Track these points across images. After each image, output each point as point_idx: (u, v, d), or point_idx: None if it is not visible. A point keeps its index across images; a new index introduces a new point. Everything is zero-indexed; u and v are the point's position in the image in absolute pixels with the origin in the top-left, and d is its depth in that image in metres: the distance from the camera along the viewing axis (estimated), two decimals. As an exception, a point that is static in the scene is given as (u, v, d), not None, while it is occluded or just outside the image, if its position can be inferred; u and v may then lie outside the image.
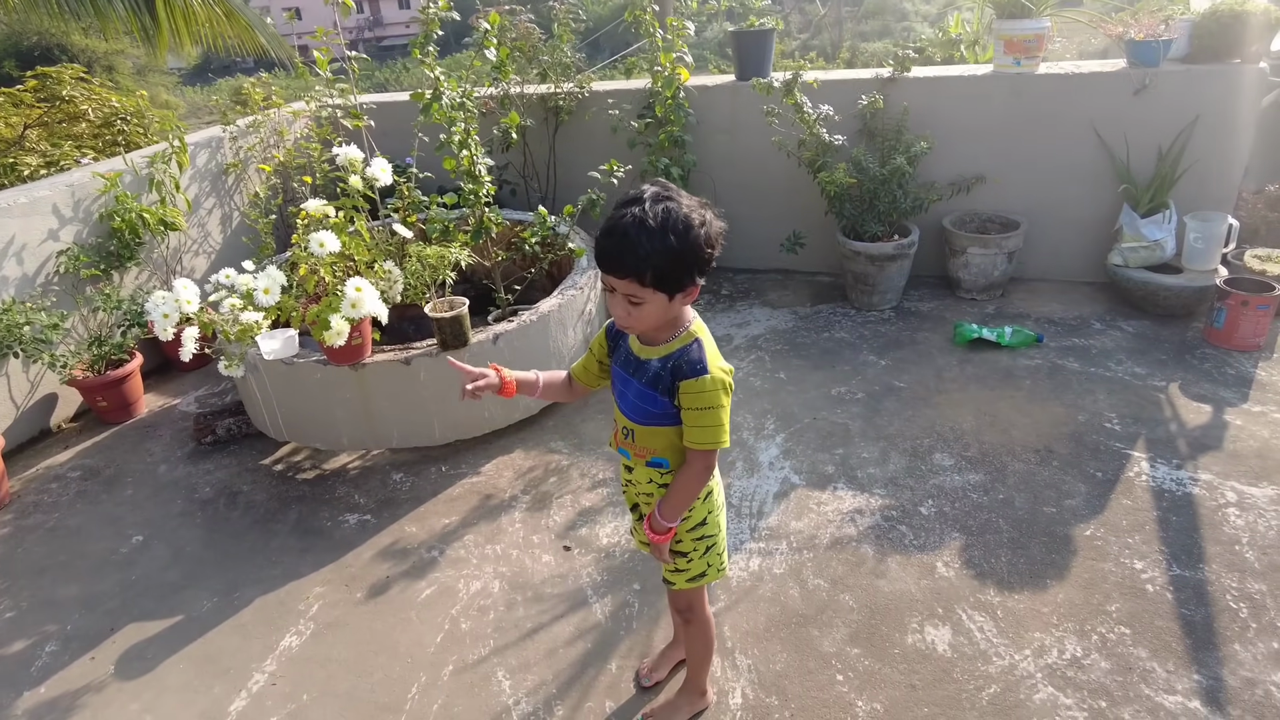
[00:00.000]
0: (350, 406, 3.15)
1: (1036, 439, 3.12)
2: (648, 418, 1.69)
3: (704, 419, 1.61)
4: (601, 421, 3.46)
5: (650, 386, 1.65)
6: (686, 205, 1.50)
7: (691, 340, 1.62)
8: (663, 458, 1.74)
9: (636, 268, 1.46)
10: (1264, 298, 3.46)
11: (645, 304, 1.52)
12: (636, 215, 1.46)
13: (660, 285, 1.49)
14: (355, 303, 2.66)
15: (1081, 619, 2.33)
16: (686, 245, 1.47)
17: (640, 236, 1.44)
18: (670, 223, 1.46)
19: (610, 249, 1.48)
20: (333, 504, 3.09)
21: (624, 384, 1.73)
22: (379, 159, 2.91)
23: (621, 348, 1.76)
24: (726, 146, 4.58)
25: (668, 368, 1.62)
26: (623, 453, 1.83)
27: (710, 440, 1.62)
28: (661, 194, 1.50)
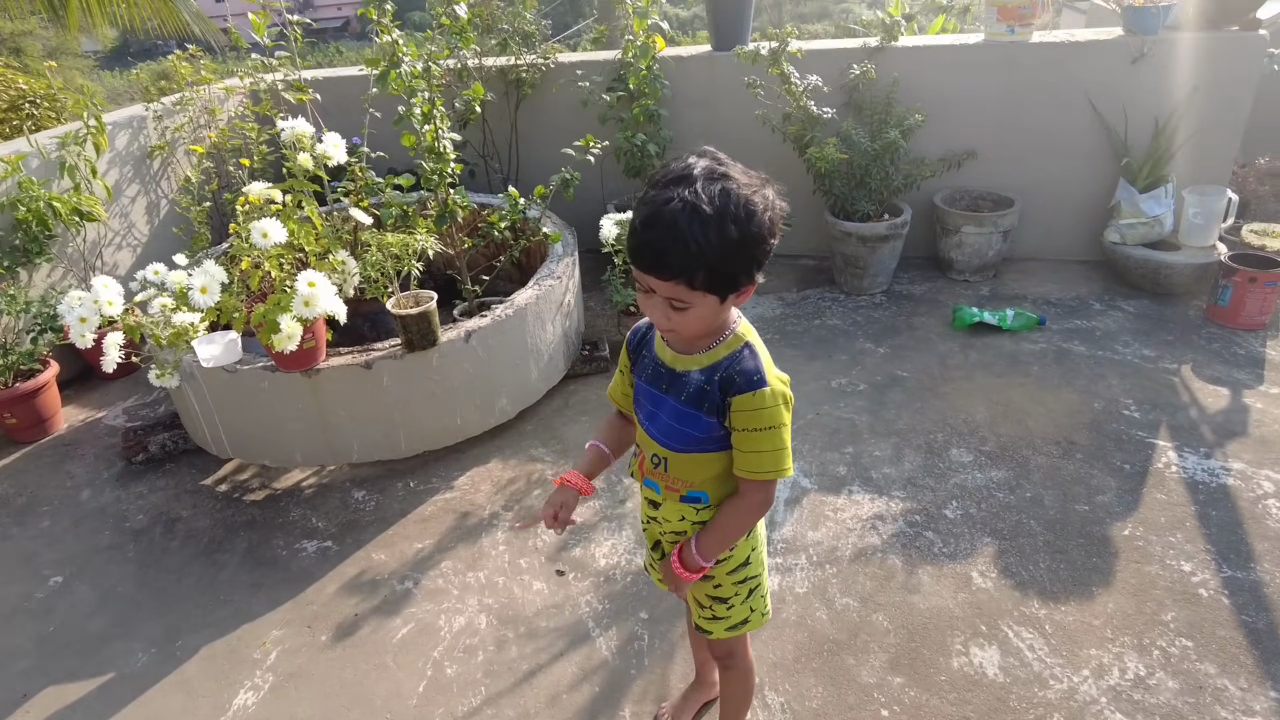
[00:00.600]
0: (303, 417, 2.78)
1: (1055, 430, 2.92)
2: (687, 443, 1.38)
3: (764, 441, 1.31)
4: (586, 424, 3.15)
5: (691, 405, 1.34)
6: (746, 183, 1.18)
7: (741, 345, 1.32)
8: (702, 491, 1.43)
9: (687, 267, 1.15)
10: (1272, 274, 3.33)
11: (692, 309, 1.21)
12: (687, 200, 1.13)
13: (713, 286, 1.19)
14: (309, 300, 2.29)
15: (1138, 631, 2.13)
16: (749, 236, 1.16)
17: (693, 227, 1.13)
18: (731, 208, 1.14)
19: (654, 244, 1.15)
20: (287, 529, 2.72)
21: (654, 403, 1.42)
22: (331, 134, 2.53)
23: (646, 359, 1.44)
24: (704, 121, 4.28)
25: (714, 380, 1.31)
26: (650, 485, 1.50)
27: (771, 467, 1.32)
28: (716, 169, 1.18)
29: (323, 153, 2.50)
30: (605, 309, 4.08)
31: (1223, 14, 3.64)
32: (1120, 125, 3.79)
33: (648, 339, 1.45)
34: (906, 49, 3.92)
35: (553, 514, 1.52)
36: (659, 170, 1.24)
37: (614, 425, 1.60)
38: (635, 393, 1.49)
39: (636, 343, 1.48)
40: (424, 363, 2.78)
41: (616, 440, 1.59)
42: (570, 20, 17.29)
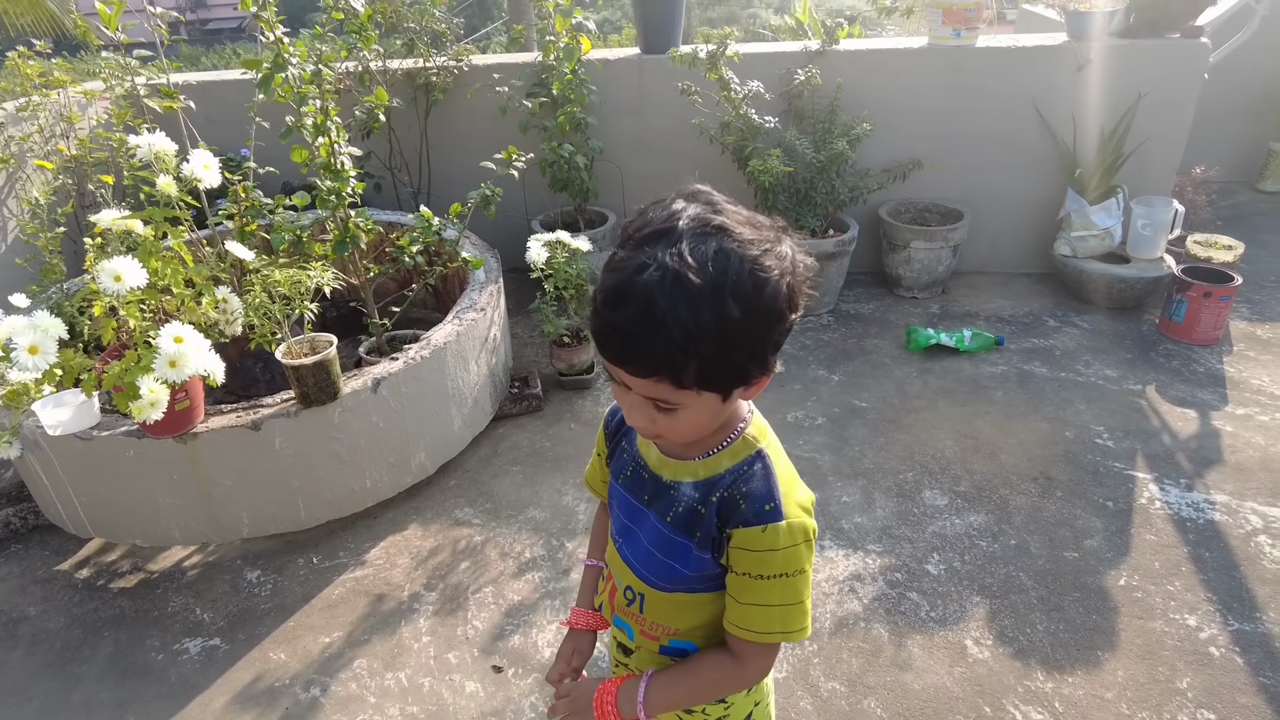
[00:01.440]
0: (180, 489, 2.31)
1: (1029, 464, 2.72)
2: (671, 579, 1.02)
3: (772, 593, 0.94)
4: (519, 476, 2.78)
5: (680, 530, 0.99)
6: (752, 239, 0.82)
7: (751, 454, 0.97)
8: (689, 641, 1.07)
9: (670, 361, 0.81)
10: (1227, 289, 3.23)
11: (683, 410, 0.87)
12: (669, 268, 0.78)
13: (710, 383, 0.84)
14: (175, 360, 1.85)
15: (1156, 705, 1.91)
16: (758, 313, 0.81)
17: (677, 307, 0.78)
18: (731, 278, 0.79)
19: (623, 329, 0.81)
20: (165, 624, 2.26)
21: (631, 516, 1.07)
22: (201, 151, 2.09)
23: (625, 454, 1.10)
24: (634, 130, 3.96)
25: (711, 502, 0.96)
26: (620, 625, 1.14)
27: (780, 628, 0.96)
28: (710, 220, 0.82)
29: (190, 174, 2.05)
30: (534, 336, 3.71)
31: (1165, 21, 3.54)
32: (1068, 134, 3.65)
33: (630, 428, 1.09)
34: (849, 53, 3.69)
35: (567, 671, 1.21)
36: (633, 219, 0.87)
37: (606, 527, 1.22)
38: (609, 493, 1.14)
39: (615, 427, 1.13)
40: (324, 419, 2.36)
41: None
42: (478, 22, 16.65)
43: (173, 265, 2.04)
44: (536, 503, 2.66)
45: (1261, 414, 2.91)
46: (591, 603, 1.23)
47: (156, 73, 2.87)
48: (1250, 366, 3.20)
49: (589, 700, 1.08)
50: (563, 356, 3.22)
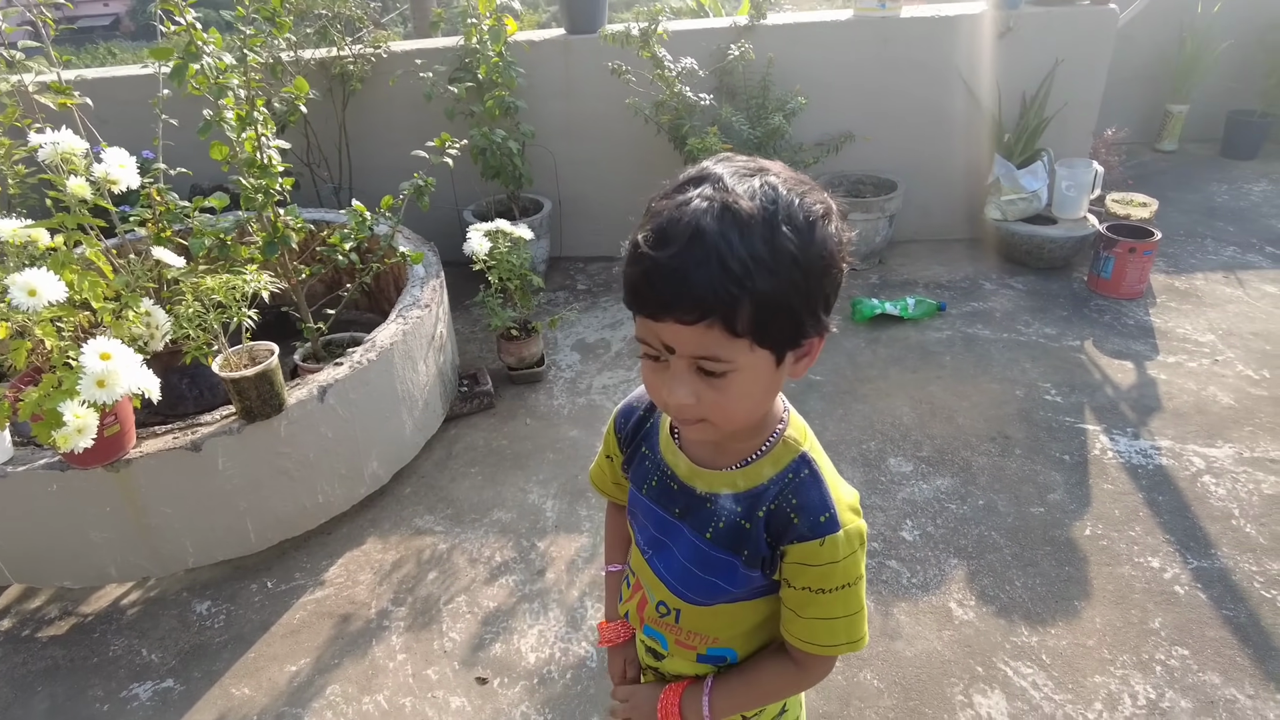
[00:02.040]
0: (114, 522, 2.12)
1: (986, 424, 2.77)
2: (711, 594, 0.95)
3: (835, 605, 0.89)
4: (478, 477, 2.67)
5: (723, 548, 0.91)
6: (793, 178, 0.77)
7: (795, 458, 0.89)
8: (728, 648, 1.01)
9: (726, 295, 0.71)
10: (1149, 243, 3.37)
11: (735, 374, 0.77)
12: (715, 198, 0.72)
13: (766, 333, 0.75)
14: (104, 380, 1.67)
15: (1134, 646, 1.96)
16: (812, 252, 0.74)
17: (728, 235, 0.71)
18: (782, 210, 0.72)
19: (669, 265, 0.72)
20: (106, 671, 2.07)
21: (661, 528, 0.98)
22: (115, 150, 1.89)
23: (647, 461, 1.00)
24: (565, 113, 3.85)
25: (757, 517, 0.88)
26: (652, 634, 1.06)
27: (845, 639, 0.91)
28: (749, 164, 0.77)
29: (104, 175, 1.86)
30: (477, 331, 3.58)
31: (1074, -14, 3.65)
32: (993, 101, 3.74)
33: (649, 430, 1.01)
34: (777, 27, 3.67)
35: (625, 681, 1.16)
36: (661, 189, 0.80)
37: (624, 530, 1.12)
38: (630, 503, 1.05)
39: (631, 430, 1.03)
40: (269, 434, 2.20)
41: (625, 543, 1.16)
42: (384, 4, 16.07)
43: (91, 277, 1.84)
44: (500, 504, 2.55)
45: (1190, 361, 3.05)
46: (618, 611, 1.15)
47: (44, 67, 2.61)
48: (1174, 317, 3.35)
49: (652, 705, 1.03)
50: (512, 350, 3.11)
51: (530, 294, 3.14)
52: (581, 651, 2.04)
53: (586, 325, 3.57)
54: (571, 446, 2.79)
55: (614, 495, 1.15)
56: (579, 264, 4.17)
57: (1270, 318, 3.29)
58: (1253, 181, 4.70)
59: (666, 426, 0.99)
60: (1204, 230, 4.10)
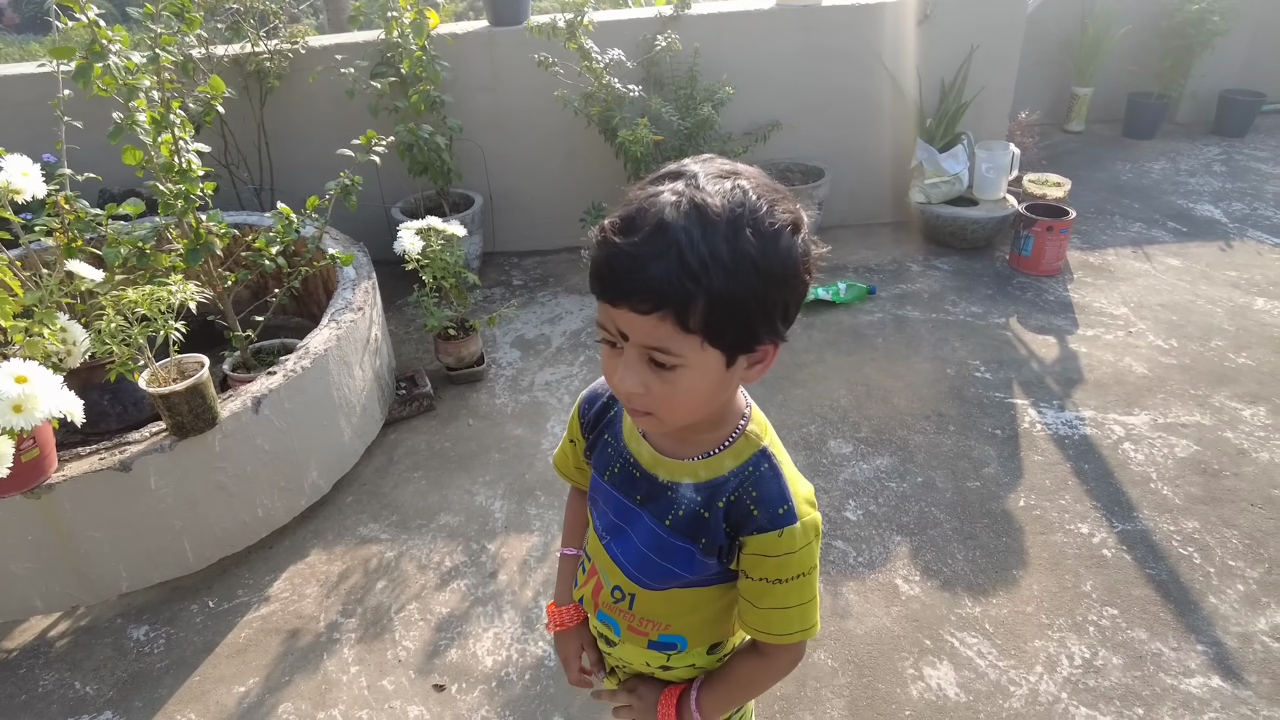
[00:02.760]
0: (37, 551, 2.00)
1: (920, 404, 2.86)
2: (665, 580, 0.98)
3: (790, 595, 0.91)
4: (422, 482, 2.62)
5: (682, 535, 0.93)
6: (770, 187, 0.78)
7: (756, 452, 0.91)
8: (679, 636, 1.04)
9: (680, 290, 0.72)
10: (1064, 222, 3.52)
11: (684, 370, 0.78)
12: (683, 195, 0.73)
13: (718, 332, 0.76)
14: (20, 404, 1.57)
15: (1069, 610, 2.06)
16: (774, 260, 0.75)
17: (692, 230, 0.72)
18: (748, 214, 0.74)
19: (631, 253, 0.73)
20: (36, 708, 1.96)
21: (620, 513, 1.00)
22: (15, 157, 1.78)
23: (609, 448, 1.01)
24: (491, 106, 3.79)
25: (717, 508, 0.90)
26: (605, 620, 1.08)
27: (798, 627, 0.94)
28: (721, 165, 0.79)
29: (6, 185, 1.75)
30: (411, 332, 3.51)
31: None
32: (914, 87, 3.83)
33: (613, 418, 1.02)
34: (702, 17, 3.69)
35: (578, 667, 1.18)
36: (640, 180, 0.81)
37: (583, 514, 1.15)
38: (591, 489, 1.06)
39: (594, 417, 1.04)
40: (203, 449, 2.12)
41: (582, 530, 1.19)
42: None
43: (-3, 294, 1.73)
44: (447, 508, 2.52)
45: (1106, 333, 3.20)
46: (571, 595, 1.17)
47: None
48: (1090, 291, 3.51)
49: (654, 704, 1.07)
50: (450, 350, 3.06)
51: (466, 292, 3.10)
52: (539, 651, 2.03)
53: (525, 321, 3.53)
54: (517, 445, 2.77)
55: (576, 480, 1.17)
56: (513, 259, 4.12)
57: (1175, 289, 3.49)
58: (1153, 160, 4.96)
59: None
60: (1112, 207, 4.31)
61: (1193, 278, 3.57)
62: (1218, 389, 2.84)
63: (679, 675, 1.09)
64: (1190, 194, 4.44)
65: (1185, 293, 3.45)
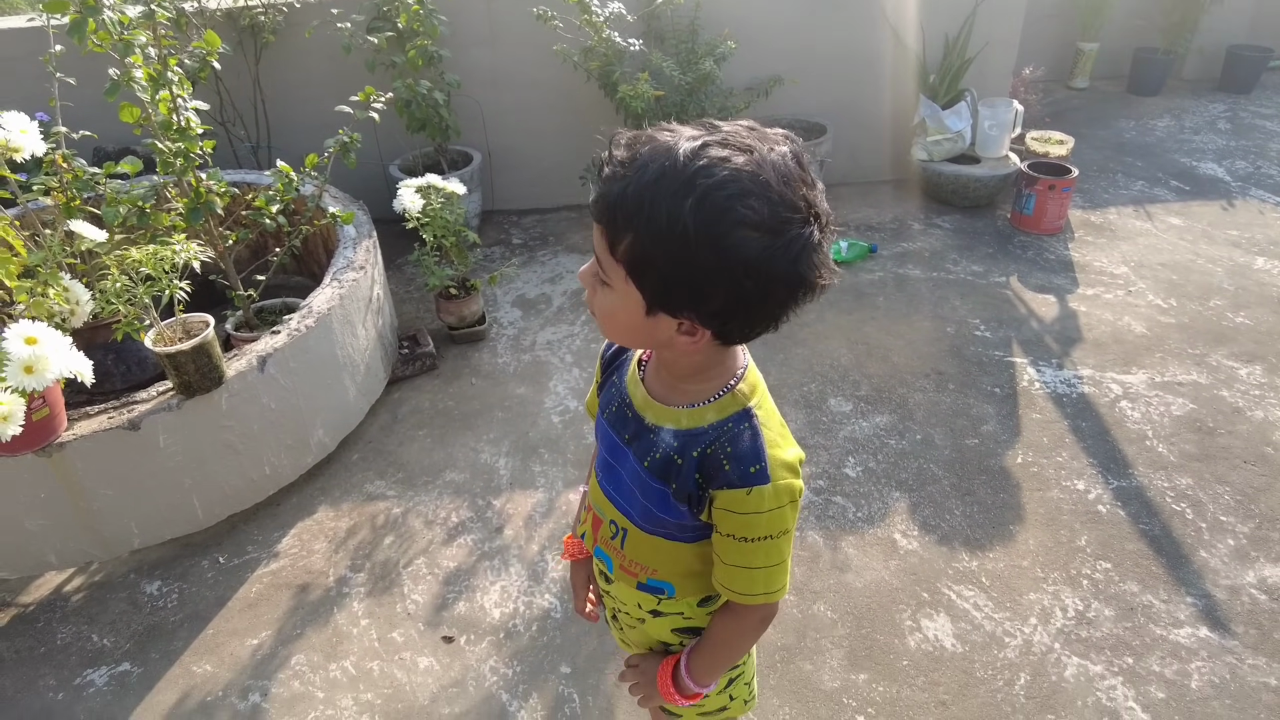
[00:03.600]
0: (51, 508, 2.03)
1: (920, 362, 2.88)
2: (650, 520, 1.02)
3: (755, 555, 0.93)
4: (427, 440, 2.65)
5: (656, 476, 0.95)
6: (766, 183, 0.74)
7: (738, 410, 0.92)
8: (666, 582, 1.08)
9: (620, 214, 0.78)
10: (1067, 180, 3.51)
11: (610, 291, 0.84)
12: (674, 145, 0.75)
13: (637, 274, 0.80)
14: (32, 365, 1.59)
15: (1064, 564, 2.11)
16: (709, 242, 0.74)
17: (647, 172, 0.75)
18: (706, 186, 0.73)
19: (610, 169, 0.80)
20: (56, 660, 2.01)
21: (612, 452, 1.04)
22: (14, 114, 1.76)
23: (614, 386, 1.06)
24: (488, 62, 3.74)
25: (691, 456, 0.92)
26: (601, 556, 1.14)
27: (762, 589, 0.96)
28: (746, 142, 0.76)
29: (4, 143, 1.73)
30: (411, 291, 3.51)
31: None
32: (917, 42, 3.78)
33: (623, 361, 1.07)
34: (704, -30, 3.62)
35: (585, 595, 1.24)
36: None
37: None
38: (598, 430, 1.10)
39: (610, 357, 1.10)
40: (211, 408, 2.13)
41: None
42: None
43: (1, 255, 1.73)
44: (452, 465, 2.55)
45: (1106, 293, 3.22)
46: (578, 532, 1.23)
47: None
48: (1090, 250, 3.51)
49: (654, 675, 1.13)
50: (451, 309, 3.06)
51: (466, 251, 3.09)
52: (545, 604, 2.07)
53: (526, 280, 3.53)
54: (520, 404, 2.79)
55: None
56: (512, 217, 4.10)
57: (1176, 249, 3.49)
58: (1157, 117, 4.92)
59: (636, 359, 1.04)
60: (1115, 166, 4.29)
61: (1194, 237, 3.57)
62: (1215, 348, 2.86)
63: (673, 624, 1.13)
64: (1194, 152, 4.41)
65: (1186, 252, 3.46)
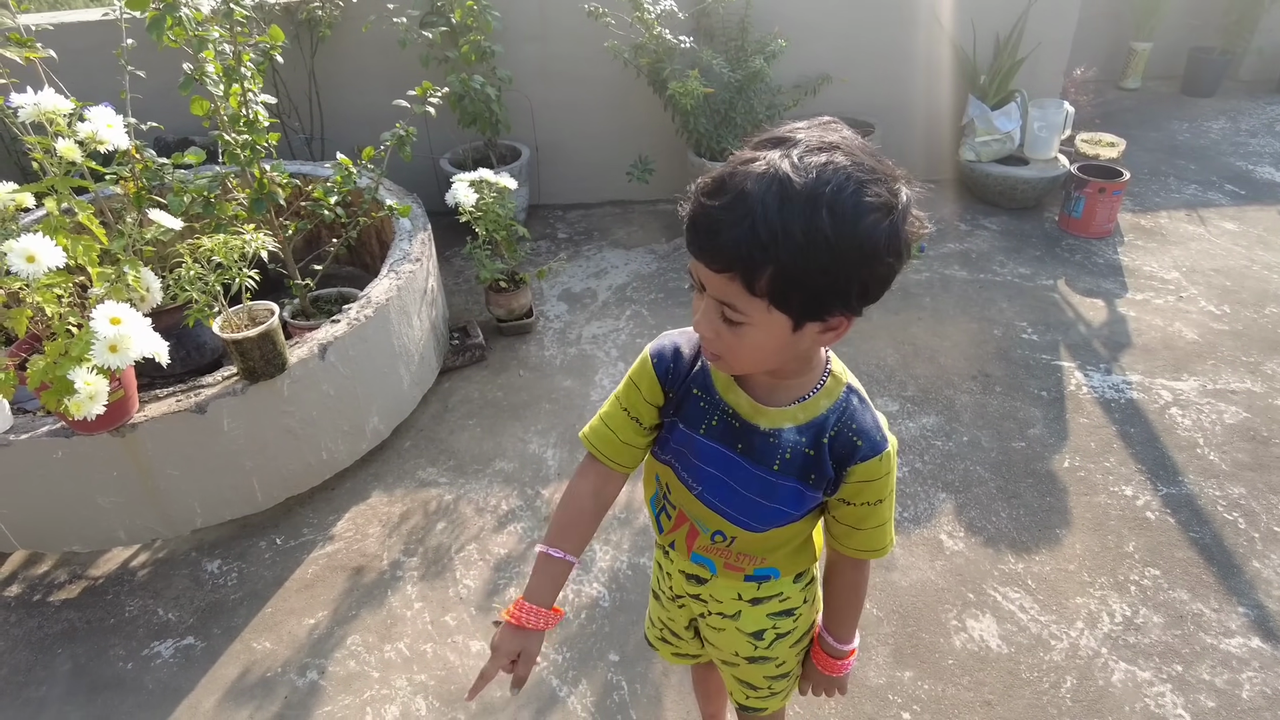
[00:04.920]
0: (122, 486, 2.12)
1: (967, 363, 2.88)
2: (774, 520, 1.04)
3: (885, 511, 1.04)
4: (475, 430, 2.70)
5: (792, 476, 0.99)
6: (868, 167, 0.79)
7: (843, 390, 0.98)
8: (772, 567, 1.13)
9: (749, 256, 0.77)
10: (1118, 183, 3.47)
11: (748, 327, 0.84)
12: (775, 167, 0.76)
13: (783, 299, 0.80)
14: (117, 345, 1.66)
15: (1111, 569, 2.11)
16: (849, 239, 0.77)
17: (768, 201, 0.76)
18: (829, 191, 0.75)
19: (713, 214, 0.79)
20: (125, 631, 2.09)
21: (723, 467, 1.02)
22: (100, 109, 1.84)
23: (701, 403, 1.02)
24: (539, 57, 3.78)
25: (822, 444, 0.97)
26: (700, 561, 1.15)
27: (889, 541, 1.08)
28: (827, 138, 0.80)
29: (92, 135, 1.81)
30: (460, 283, 3.57)
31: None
32: (968, 41, 3.76)
33: (699, 372, 1.03)
34: (755, -33, 3.63)
35: (507, 665, 1.04)
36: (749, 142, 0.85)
37: (585, 514, 1.09)
38: (679, 446, 1.05)
39: (682, 372, 1.03)
40: (273, 393, 2.21)
41: (586, 537, 1.11)
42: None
43: (85, 241, 1.81)
44: (501, 454, 2.60)
45: (1156, 298, 3.18)
46: (549, 599, 1.07)
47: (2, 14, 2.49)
48: (1140, 255, 3.47)
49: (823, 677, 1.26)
50: (501, 302, 3.11)
51: (516, 245, 3.14)
52: (594, 593, 2.12)
53: (571, 275, 3.58)
54: (566, 396, 2.83)
55: (613, 457, 1.09)
56: (558, 212, 4.14)
57: (1229, 254, 3.44)
58: (1212, 119, 4.83)
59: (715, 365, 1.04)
60: (1167, 169, 4.22)
61: (1249, 242, 3.52)
62: (1271, 356, 2.82)
63: (769, 609, 1.18)
64: (1250, 155, 4.33)
65: (1240, 258, 3.40)
